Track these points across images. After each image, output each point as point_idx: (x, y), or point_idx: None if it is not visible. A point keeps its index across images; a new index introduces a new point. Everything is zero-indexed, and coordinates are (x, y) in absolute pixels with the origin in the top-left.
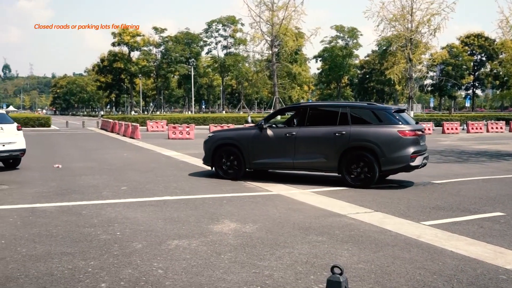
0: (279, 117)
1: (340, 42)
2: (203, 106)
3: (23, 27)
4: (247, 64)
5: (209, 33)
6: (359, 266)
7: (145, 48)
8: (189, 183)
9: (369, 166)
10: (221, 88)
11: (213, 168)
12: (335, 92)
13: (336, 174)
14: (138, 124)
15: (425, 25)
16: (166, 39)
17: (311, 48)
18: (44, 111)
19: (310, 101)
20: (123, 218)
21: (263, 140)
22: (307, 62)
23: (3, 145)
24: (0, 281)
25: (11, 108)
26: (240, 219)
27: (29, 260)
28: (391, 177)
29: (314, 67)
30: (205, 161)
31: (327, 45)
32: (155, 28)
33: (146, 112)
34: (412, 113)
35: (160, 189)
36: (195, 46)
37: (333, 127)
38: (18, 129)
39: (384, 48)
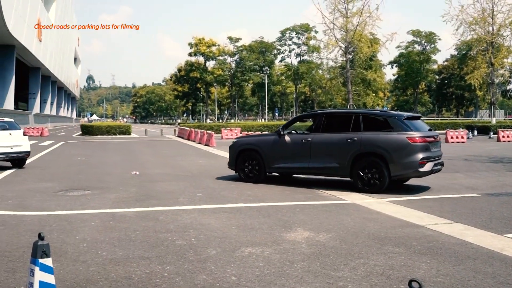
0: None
1: (417, 47)
2: (277, 114)
3: (105, 39)
4: (320, 71)
5: (282, 41)
6: (438, 280)
7: (220, 58)
8: (262, 190)
9: (379, 172)
10: (294, 96)
11: (237, 172)
12: (412, 99)
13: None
14: (213, 132)
15: (507, 28)
16: (241, 48)
17: (387, 54)
18: (125, 119)
19: (385, 108)
20: (198, 224)
21: (281, 146)
22: (382, 68)
23: (11, 148)
24: (81, 284)
25: (94, 116)
26: (313, 228)
27: (109, 264)
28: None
29: (390, 73)
30: (230, 165)
31: (403, 51)
32: (230, 38)
33: (221, 120)
34: (494, 120)
35: (234, 196)
36: (269, 54)
37: (346, 133)
38: (24, 134)
39: (464, 52)
